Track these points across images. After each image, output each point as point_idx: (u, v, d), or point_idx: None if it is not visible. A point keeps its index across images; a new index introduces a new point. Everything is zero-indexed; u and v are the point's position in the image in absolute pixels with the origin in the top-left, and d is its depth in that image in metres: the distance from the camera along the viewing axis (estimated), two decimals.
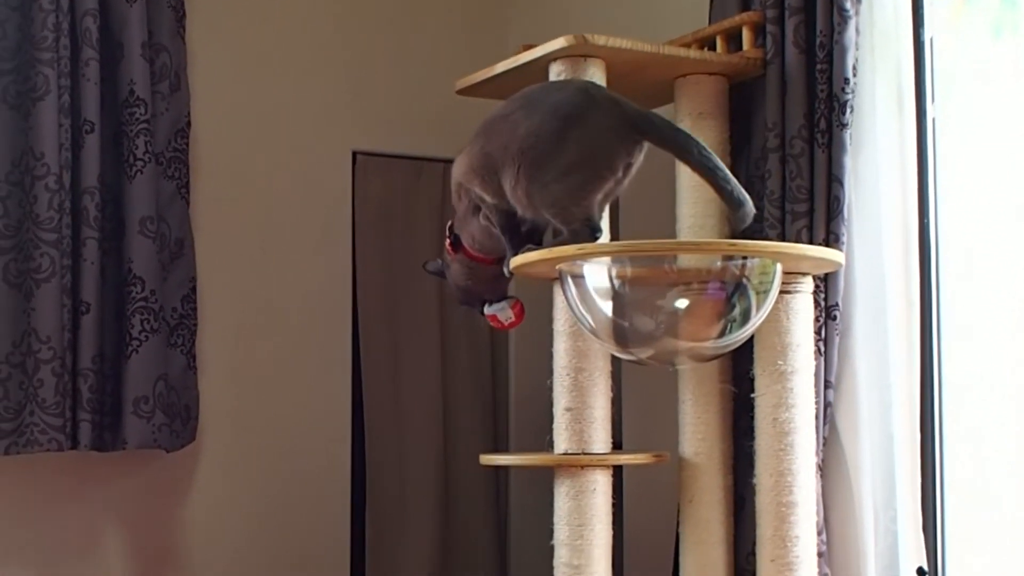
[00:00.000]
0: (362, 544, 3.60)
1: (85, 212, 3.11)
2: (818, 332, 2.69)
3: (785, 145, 2.76)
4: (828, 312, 2.71)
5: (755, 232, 2.78)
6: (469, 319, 3.76)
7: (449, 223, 2.82)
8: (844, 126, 2.67)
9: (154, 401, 3.16)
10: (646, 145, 2.52)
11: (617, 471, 2.77)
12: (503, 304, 2.84)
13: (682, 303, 2.47)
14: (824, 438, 2.71)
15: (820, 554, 2.65)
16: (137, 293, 3.17)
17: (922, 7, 2.73)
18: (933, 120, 2.76)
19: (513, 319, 2.87)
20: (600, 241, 2.52)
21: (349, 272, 3.63)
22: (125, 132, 3.20)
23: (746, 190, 2.84)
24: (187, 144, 3.31)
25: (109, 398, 3.16)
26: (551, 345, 2.73)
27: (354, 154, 3.67)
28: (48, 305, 3.06)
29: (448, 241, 2.82)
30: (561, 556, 2.65)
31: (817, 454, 2.66)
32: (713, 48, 2.87)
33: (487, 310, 2.85)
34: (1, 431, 3.01)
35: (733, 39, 2.86)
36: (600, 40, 2.67)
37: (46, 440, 3.04)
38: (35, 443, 3.04)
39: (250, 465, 3.45)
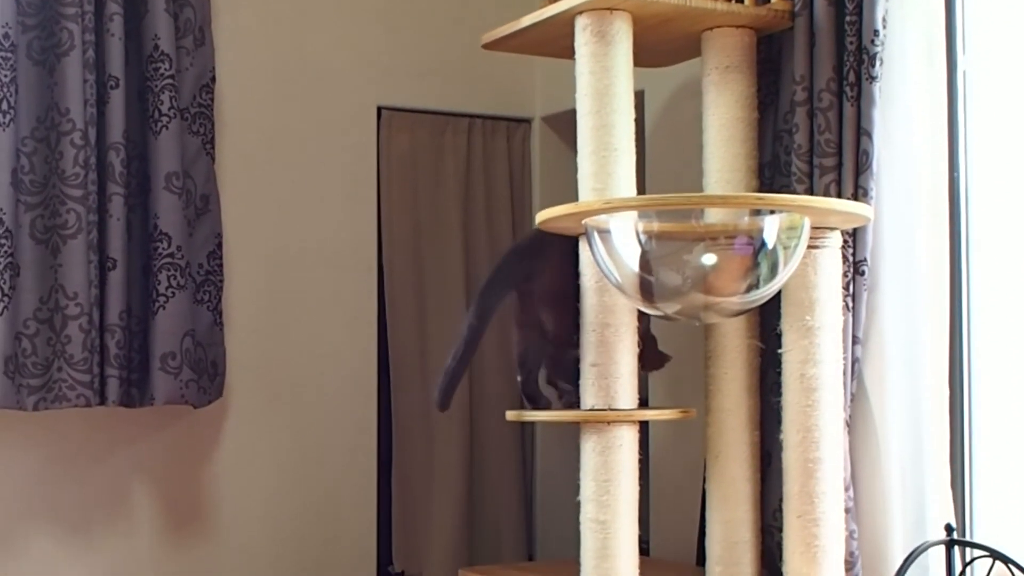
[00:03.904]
0: (389, 497, 3.61)
1: (111, 168, 3.12)
2: (846, 287, 2.67)
3: (813, 99, 2.73)
4: (856, 267, 2.69)
5: (782, 188, 2.77)
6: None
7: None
8: (873, 79, 2.64)
9: (181, 357, 3.17)
10: None
11: (643, 427, 2.77)
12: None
13: (709, 258, 2.45)
14: (851, 394, 2.69)
15: (847, 510, 2.64)
16: (163, 249, 3.17)
17: None
18: (964, 72, 2.73)
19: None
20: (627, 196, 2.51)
21: (374, 227, 3.63)
22: (150, 87, 3.20)
23: (774, 144, 2.84)
24: (212, 99, 3.31)
25: (136, 354, 3.17)
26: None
27: (379, 109, 3.65)
28: (75, 261, 3.07)
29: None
30: (587, 512, 2.65)
31: (844, 410, 2.65)
32: (741, 0, 2.84)
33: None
34: (29, 387, 3.03)
35: None
36: None
37: (74, 396, 3.05)
38: (63, 399, 3.06)
39: (277, 420, 3.46)
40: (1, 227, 3.00)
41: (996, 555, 2.51)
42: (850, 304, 2.68)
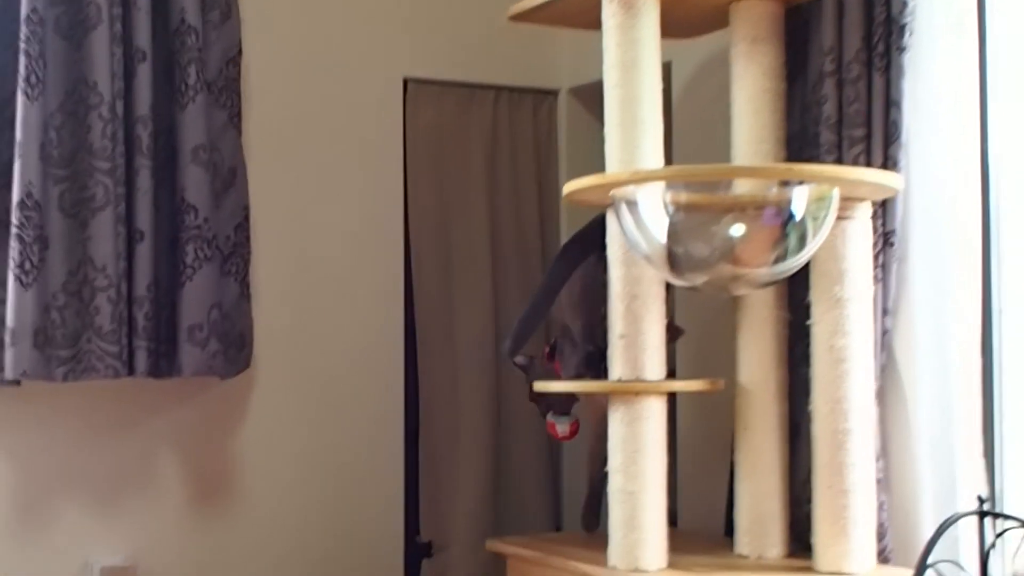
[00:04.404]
0: (416, 468, 3.62)
1: (138, 141, 3.12)
2: (875, 258, 2.66)
3: (842, 69, 2.72)
4: (886, 238, 2.68)
5: (811, 159, 2.75)
6: (522, 248, 3.76)
7: (555, 338, 3.06)
8: (903, 49, 2.62)
9: (208, 328, 3.18)
10: None
11: (672, 398, 2.77)
12: (565, 419, 3.08)
13: (737, 229, 2.45)
14: (881, 365, 2.69)
15: (877, 481, 2.64)
16: (191, 221, 3.18)
17: None
18: (995, 42, 2.70)
19: (567, 434, 3.10)
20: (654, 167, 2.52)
21: (400, 199, 3.63)
22: (177, 61, 3.20)
23: (802, 116, 2.83)
24: (238, 72, 3.31)
25: (164, 326, 3.18)
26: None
27: (405, 81, 3.65)
28: (103, 234, 3.08)
29: (548, 349, 3.06)
30: (616, 482, 2.66)
31: (874, 381, 2.65)
32: None
33: (550, 417, 3.08)
34: (59, 358, 3.05)
35: None
36: None
37: (103, 367, 3.07)
38: (92, 370, 3.07)
39: (304, 392, 3.47)
40: (30, 200, 3.01)
41: None
42: (879, 275, 2.67)
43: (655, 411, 2.65)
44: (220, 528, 3.37)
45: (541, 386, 2.87)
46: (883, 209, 2.68)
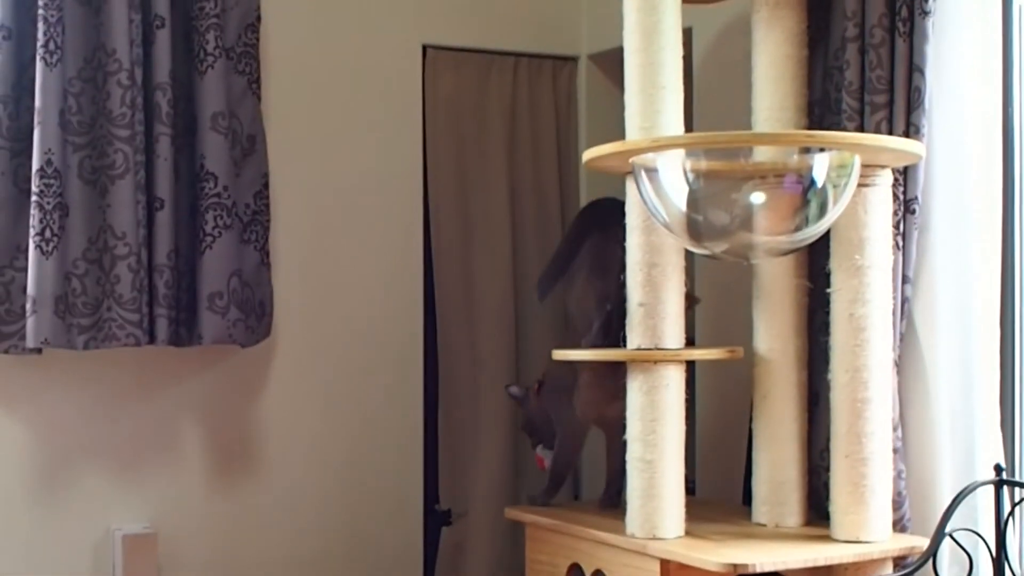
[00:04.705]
0: (435, 436, 3.63)
1: (157, 108, 3.12)
2: (896, 226, 2.64)
3: (865, 35, 2.69)
4: (907, 206, 2.66)
5: (832, 126, 2.73)
6: (541, 215, 3.75)
7: (544, 375, 3.16)
8: (926, 14, 2.60)
9: (228, 297, 3.18)
10: None
11: (690, 367, 2.76)
12: (551, 452, 3.13)
13: (758, 197, 2.44)
14: (901, 334, 2.68)
15: (895, 450, 2.63)
16: (210, 189, 3.18)
17: None
18: (1020, 7, 2.68)
19: (546, 467, 3.14)
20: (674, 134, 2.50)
21: (420, 166, 3.62)
22: (195, 27, 3.19)
23: (824, 82, 2.81)
24: (257, 39, 3.30)
25: (185, 294, 3.18)
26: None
27: (424, 48, 3.64)
28: (123, 201, 3.08)
29: (537, 385, 3.15)
30: (634, 451, 2.66)
31: (894, 350, 2.64)
32: None
33: (539, 451, 3.16)
34: (80, 326, 3.06)
35: None
36: None
37: (124, 335, 3.08)
38: (113, 338, 3.08)
39: (324, 359, 3.48)
40: (50, 168, 3.02)
41: None
42: (900, 243, 2.65)
43: (674, 380, 2.65)
44: (241, 495, 3.38)
45: (561, 354, 2.86)
46: (905, 176, 2.66)
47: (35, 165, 3.01)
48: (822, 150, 2.40)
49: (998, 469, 2.51)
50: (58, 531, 3.19)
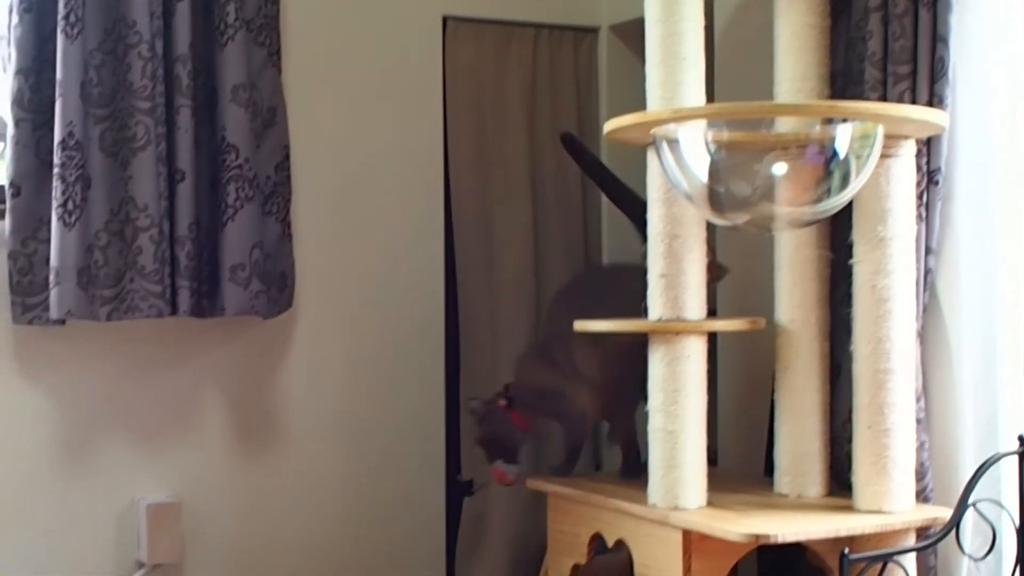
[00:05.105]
0: (457, 406, 3.64)
1: (178, 80, 3.12)
2: (919, 197, 2.63)
3: (888, 4, 2.68)
4: (930, 177, 2.65)
5: (855, 97, 2.72)
6: (562, 187, 3.74)
7: (507, 385, 3.14)
8: None
9: (250, 268, 3.19)
10: None
11: (712, 337, 2.76)
12: (514, 467, 3.13)
13: (779, 168, 2.43)
14: (924, 305, 2.67)
15: (918, 421, 2.63)
16: (231, 161, 3.18)
17: None
18: None
19: (511, 481, 3.14)
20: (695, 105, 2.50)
21: (440, 137, 3.61)
22: None
23: (847, 52, 2.79)
24: (277, 10, 3.29)
25: (206, 265, 3.19)
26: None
27: (444, 19, 3.63)
28: (144, 173, 3.09)
29: (506, 400, 3.10)
30: (656, 422, 2.66)
31: (916, 320, 2.63)
32: None
33: (500, 465, 3.12)
34: (102, 297, 3.07)
35: None
36: None
37: (146, 306, 3.09)
38: (135, 309, 3.09)
39: (346, 331, 3.49)
40: (72, 140, 3.02)
41: None
42: (923, 214, 2.64)
43: (695, 351, 2.65)
44: (263, 466, 3.40)
45: (582, 326, 2.85)
46: (928, 147, 2.65)
47: (57, 137, 3.02)
48: (845, 121, 2.39)
49: (1022, 440, 2.50)
50: (83, 501, 3.21)
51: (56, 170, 3.02)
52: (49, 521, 3.18)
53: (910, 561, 2.56)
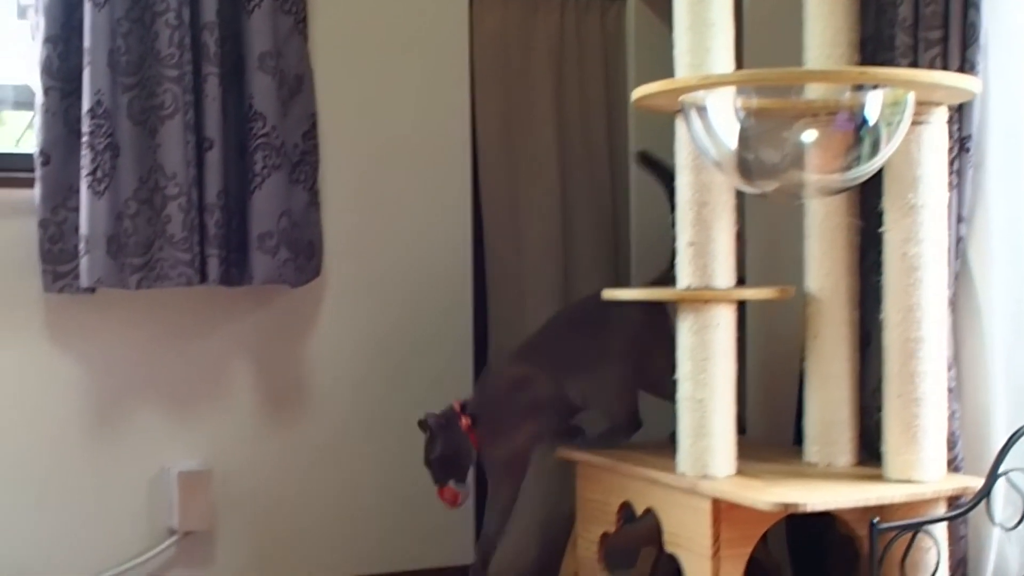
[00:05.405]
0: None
1: (205, 48, 3.12)
2: (950, 164, 2.61)
3: None
4: (962, 144, 2.63)
5: (885, 63, 2.70)
6: (590, 155, 3.73)
7: (462, 402, 3.07)
8: None
9: (278, 237, 3.20)
10: None
11: (741, 306, 2.75)
12: (463, 485, 3.06)
13: (809, 135, 2.41)
14: (955, 273, 2.65)
15: (949, 390, 2.62)
16: (259, 129, 3.18)
17: None
18: None
19: (461, 502, 3.07)
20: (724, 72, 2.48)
21: (467, 105, 3.60)
22: None
23: (877, 18, 2.76)
24: None
25: (235, 234, 3.20)
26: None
27: None
28: (172, 142, 3.09)
29: (468, 420, 3.03)
30: (685, 390, 2.65)
31: (947, 289, 2.61)
32: None
33: (454, 484, 3.05)
34: (132, 266, 3.08)
35: None
36: None
37: (176, 275, 3.10)
38: (165, 277, 3.11)
39: (374, 298, 3.49)
40: (100, 108, 3.03)
41: None
42: (955, 181, 2.62)
43: (724, 319, 2.64)
44: (293, 433, 3.41)
45: (610, 293, 2.85)
46: (959, 114, 2.63)
47: (85, 106, 3.03)
48: (875, 87, 2.37)
49: None
50: (114, 468, 3.23)
51: (85, 138, 3.03)
52: (82, 488, 3.20)
53: (940, 531, 2.55)
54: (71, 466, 3.20)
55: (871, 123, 2.37)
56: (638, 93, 2.61)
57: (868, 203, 2.72)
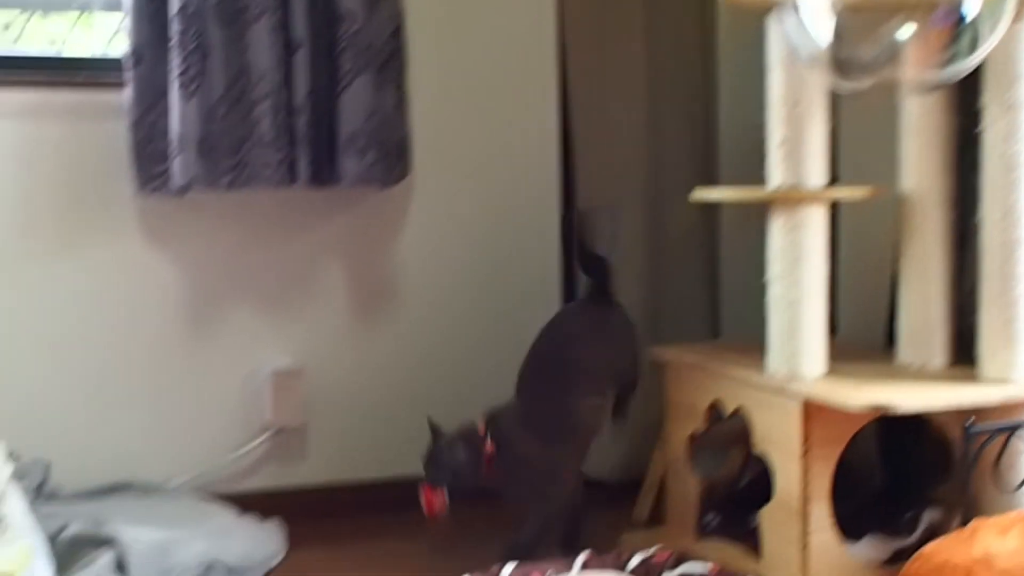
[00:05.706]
0: (572, 278, 3.64)
1: None
2: None
3: None
4: None
5: None
6: (679, 57, 3.67)
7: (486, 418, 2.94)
8: None
9: (366, 138, 3.20)
10: None
11: (834, 205, 2.72)
12: (448, 505, 2.88)
13: (906, 31, 2.36)
14: None
15: None
16: (346, 30, 3.17)
17: None
18: None
19: (438, 512, 2.88)
20: None
21: (554, 7, 3.56)
22: None
23: None
24: None
25: (324, 135, 3.21)
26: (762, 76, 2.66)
27: None
28: (260, 43, 3.10)
29: (492, 440, 2.88)
30: (776, 290, 2.63)
31: None
32: None
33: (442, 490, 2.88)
34: (223, 167, 3.11)
35: None
36: None
37: (266, 175, 3.12)
38: (256, 178, 3.13)
39: (462, 198, 3.49)
40: (189, 10, 3.04)
41: None
42: None
43: (816, 219, 2.61)
44: (382, 332, 3.45)
45: (702, 194, 2.82)
46: None
47: (174, 8, 3.03)
48: None
49: None
50: (209, 367, 3.29)
51: (174, 40, 3.04)
52: (178, 386, 3.27)
53: None
54: (167, 365, 3.26)
55: (969, 19, 2.32)
56: None
57: (966, 100, 2.66)
